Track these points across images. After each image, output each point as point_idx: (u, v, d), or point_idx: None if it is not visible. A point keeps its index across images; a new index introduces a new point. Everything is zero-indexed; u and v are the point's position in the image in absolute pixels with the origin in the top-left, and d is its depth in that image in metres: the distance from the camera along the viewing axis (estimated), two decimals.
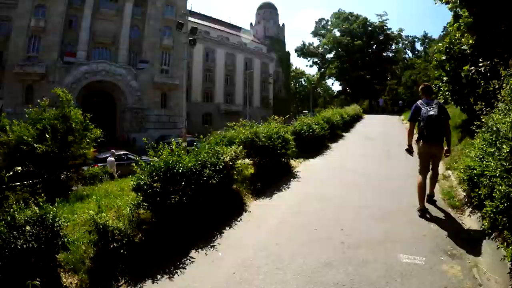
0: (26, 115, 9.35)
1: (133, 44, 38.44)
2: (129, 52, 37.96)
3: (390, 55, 51.47)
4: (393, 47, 52.09)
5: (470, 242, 3.93)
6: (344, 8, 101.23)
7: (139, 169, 4.99)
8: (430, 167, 5.13)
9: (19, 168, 8.79)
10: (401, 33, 50.88)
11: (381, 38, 49.06)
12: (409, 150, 5.24)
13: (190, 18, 43.59)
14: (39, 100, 9.51)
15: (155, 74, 38.37)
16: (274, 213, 5.60)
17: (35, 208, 3.67)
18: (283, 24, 70.67)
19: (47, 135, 8.45)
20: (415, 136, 5.24)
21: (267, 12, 68.69)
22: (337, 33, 51.00)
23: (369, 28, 48.84)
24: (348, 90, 52.79)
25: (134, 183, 4.82)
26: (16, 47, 31.64)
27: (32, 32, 32.44)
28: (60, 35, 33.77)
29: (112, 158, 14.16)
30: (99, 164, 13.28)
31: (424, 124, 4.89)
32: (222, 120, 45.11)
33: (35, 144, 8.23)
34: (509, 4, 7.10)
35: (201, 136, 7.52)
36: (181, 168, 4.80)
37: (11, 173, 8.15)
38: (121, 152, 17.05)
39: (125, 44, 37.35)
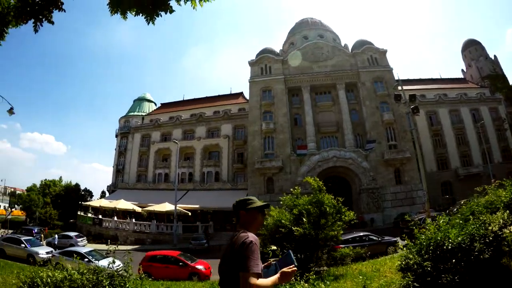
0: (281, 202, 10.86)
1: (355, 126, 40.62)
2: (354, 135, 40.10)
3: None
4: None
5: None
6: None
7: (405, 248, 5.08)
8: None
9: (274, 247, 9.89)
10: None
11: None
12: None
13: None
14: (291, 189, 10.81)
15: (384, 151, 38.16)
16: None
17: (305, 283, 4.21)
18: (495, 56, 59.93)
19: (304, 219, 9.41)
20: None
21: (473, 50, 62.13)
22: None
23: None
24: None
25: (403, 263, 4.96)
26: (253, 147, 39.85)
27: (265, 134, 40.30)
28: (289, 132, 40.41)
29: None
30: (341, 246, 12.77)
31: None
32: (462, 187, 39.80)
33: (292, 227, 9.29)
34: None
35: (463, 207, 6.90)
36: (450, 244, 4.71)
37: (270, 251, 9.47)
38: (361, 234, 17.39)
39: (348, 129, 39.95)
